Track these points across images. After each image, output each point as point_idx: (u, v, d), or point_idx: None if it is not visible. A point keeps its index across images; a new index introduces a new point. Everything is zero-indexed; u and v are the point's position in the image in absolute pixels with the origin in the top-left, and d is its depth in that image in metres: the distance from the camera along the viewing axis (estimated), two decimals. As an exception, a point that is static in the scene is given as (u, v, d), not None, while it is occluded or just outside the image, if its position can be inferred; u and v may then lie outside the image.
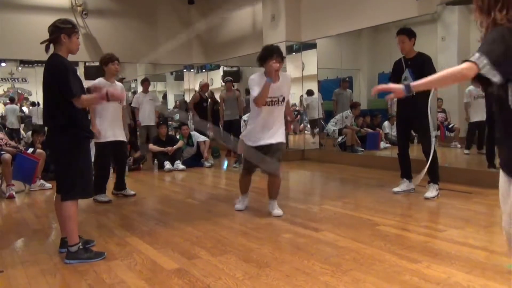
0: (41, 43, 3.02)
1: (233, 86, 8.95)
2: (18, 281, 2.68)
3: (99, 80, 4.94)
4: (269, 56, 3.88)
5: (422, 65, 4.47)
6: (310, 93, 8.71)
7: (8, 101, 13.92)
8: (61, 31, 2.96)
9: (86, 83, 4.29)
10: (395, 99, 4.79)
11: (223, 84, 9.11)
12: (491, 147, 5.22)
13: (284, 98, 3.99)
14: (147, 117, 8.30)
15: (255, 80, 3.93)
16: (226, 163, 8.36)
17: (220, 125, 8.56)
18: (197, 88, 10.22)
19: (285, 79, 4.02)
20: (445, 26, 7.48)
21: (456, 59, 7.59)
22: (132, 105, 8.30)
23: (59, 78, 2.87)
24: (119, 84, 5.16)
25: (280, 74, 3.98)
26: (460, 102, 7.84)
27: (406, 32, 4.56)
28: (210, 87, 11.36)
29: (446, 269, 2.63)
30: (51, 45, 3.02)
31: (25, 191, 5.76)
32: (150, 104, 8.31)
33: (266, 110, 3.93)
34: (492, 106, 5.04)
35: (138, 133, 8.71)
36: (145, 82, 8.50)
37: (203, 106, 9.04)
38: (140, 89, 8.93)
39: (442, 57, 7.22)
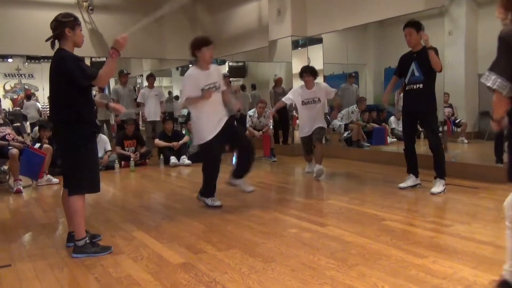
0: (46, 40, 3.02)
1: (230, 82, 8.95)
2: (26, 275, 2.71)
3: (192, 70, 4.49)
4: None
5: (428, 58, 4.43)
6: None
7: (25, 99, 14.14)
8: (64, 25, 2.96)
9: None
10: (401, 94, 4.77)
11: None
12: (499, 142, 5.17)
13: (319, 99, 5.83)
14: (152, 113, 8.31)
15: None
16: (235, 156, 8.36)
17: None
18: None
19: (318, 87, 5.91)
20: (452, 20, 7.42)
21: (463, 54, 7.56)
22: (138, 100, 8.32)
23: (71, 67, 2.87)
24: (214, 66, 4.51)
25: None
26: (467, 97, 7.80)
27: (414, 25, 4.52)
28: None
29: (452, 264, 2.62)
30: (56, 41, 3.02)
31: (33, 186, 5.81)
32: (156, 100, 8.33)
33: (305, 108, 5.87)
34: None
35: (143, 128, 8.74)
36: (151, 78, 8.51)
37: None
38: (145, 84, 8.93)
39: (450, 51, 7.16)
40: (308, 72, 5.79)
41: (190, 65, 11.91)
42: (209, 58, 4.19)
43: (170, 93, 12.90)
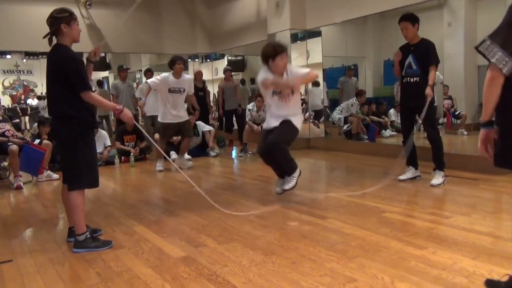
0: (44, 37, 3.02)
1: (232, 76, 8.93)
2: (27, 270, 2.72)
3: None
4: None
5: (426, 51, 4.43)
6: (316, 84, 8.59)
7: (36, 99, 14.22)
8: (60, 21, 2.94)
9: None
10: (399, 87, 4.76)
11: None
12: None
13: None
14: (151, 107, 8.30)
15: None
16: (235, 150, 8.38)
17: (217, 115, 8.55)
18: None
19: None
20: (451, 12, 7.39)
21: (462, 45, 7.52)
22: (136, 95, 8.31)
23: (74, 69, 2.86)
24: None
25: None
26: (467, 89, 7.78)
27: (409, 18, 4.50)
28: (215, 77, 11.35)
29: (452, 255, 2.63)
30: (54, 37, 3.01)
31: (33, 182, 5.82)
32: (154, 94, 8.30)
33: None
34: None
35: (143, 123, 8.72)
36: (148, 73, 8.49)
37: (198, 96, 9.00)
38: (144, 79, 8.91)
39: (449, 43, 7.15)
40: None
41: (189, 60, 11.91)
42: (282, 67, 4.07)
43: None
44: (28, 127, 14.09)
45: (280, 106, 4.18)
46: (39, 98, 15.10)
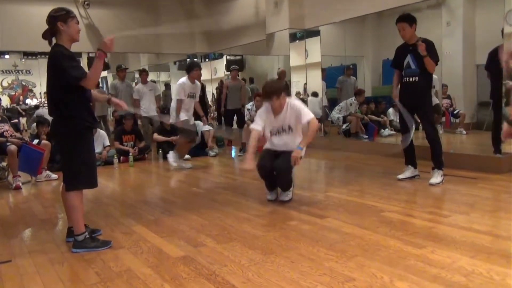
0: (42, 36, 3.01)
1: (238, 75, 8.92)
2: (27, 270, 2.72)
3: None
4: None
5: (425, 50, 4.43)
6: (314, 94, 8.59)
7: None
8: (56, 20, 2.93)
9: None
10: (399, 86, 4.76)
11: (228, 72, 9.07)
12: (497, 132, 5.18)
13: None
14: (148, 108, 8.32)
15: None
16: (234, 150, 8.38)
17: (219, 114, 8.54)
18: None
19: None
20: (450, 11, 7.40)
21: (461, 44, 7.54)
22: (134, 97, 8.32)
23: (63, 63, 2.84)
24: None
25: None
26: (465, 88, 7.80)
27: (406, 19, 4.50)
28: (214, 77, 11.34)
29: (450, 254, 2.63)
30: (53, 38, 3.01)
31: (32, 182, 5.81)
32: (150, 95, 8.33)
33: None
34: (497, 90, 5.04)
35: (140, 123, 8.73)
36: (143, 73, 8.50)
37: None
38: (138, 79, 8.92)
39: (447, 42, 7.16)
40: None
41: (188, 59, 11.90)
42: (278, 108, 4.05)
43: (167, 85, 12.83)
44: (26, 128, 14.05)
45: (281, 138, 4.15)
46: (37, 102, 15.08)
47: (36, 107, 13.47)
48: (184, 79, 6.20)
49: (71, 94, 2.89)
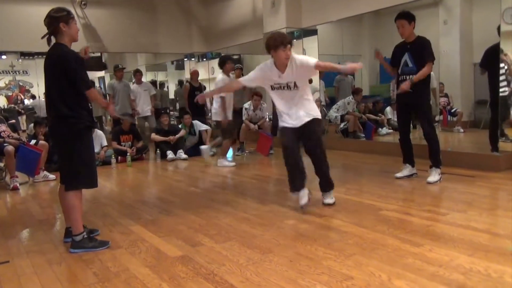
0: (42, 37, 3.00)
1: (242, 74, 8.88)
2: (24, 271, 2.71)
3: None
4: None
5: (421, 48, 4.44)
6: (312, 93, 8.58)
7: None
8: (58, 21, 2.93)
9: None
10: (396, 85, 4.77)
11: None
12: (495, 131, 5.19)
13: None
14: (143, 108, 8.33)
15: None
16: (231, 151, 8.36)
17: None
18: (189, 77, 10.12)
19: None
20: (447, 10, 7.42)
21: (458, 43, 7.55)
22: (132, 97, 8.31)
23: (75, 67, 2.87)
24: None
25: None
26: (463, 86, 7.81)
27: (406, 16, 4.50)
28: (211, 76, 11.32)
29: (448, 252, 2.64)
30: (52, 37, 3.00)
31: (29, 182, 5.80)
32: (145, 95, 8.33)
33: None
34: (495, 89, 5.05)
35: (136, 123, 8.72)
36: (137, 74, 8.49)
37: (195, 95, 8.95)
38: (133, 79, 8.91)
39: (444, 41, 7.18)
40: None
41: (185, 59, 11.87)
42: (284, 60, 3.78)
43: (162, 85, 12.80)
44: (24, 128, 14.01)
45: (287, 102, 3.81)
46: (33, 97, 15.02)
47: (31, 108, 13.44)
48: (221, 75, 6.21)
49: (72, 93, 2.89)
